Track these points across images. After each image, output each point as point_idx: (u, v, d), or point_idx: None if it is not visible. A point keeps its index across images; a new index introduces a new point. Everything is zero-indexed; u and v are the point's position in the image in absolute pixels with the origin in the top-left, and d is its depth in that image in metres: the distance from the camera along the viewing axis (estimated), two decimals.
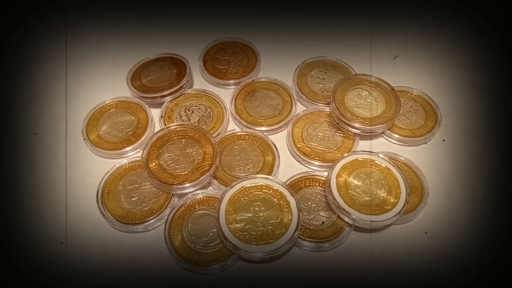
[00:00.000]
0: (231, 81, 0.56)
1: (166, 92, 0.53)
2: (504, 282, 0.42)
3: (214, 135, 0.50)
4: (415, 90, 0.55)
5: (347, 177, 0.45)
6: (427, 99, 0.54)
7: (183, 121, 0.52)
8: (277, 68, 0.59)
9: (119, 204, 0.46)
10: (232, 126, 0.53)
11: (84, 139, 0.50)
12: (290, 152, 0.51)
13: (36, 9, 0.66)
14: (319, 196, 0.46)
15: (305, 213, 0.45)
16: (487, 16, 0.65)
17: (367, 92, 0.52)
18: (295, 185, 0.47)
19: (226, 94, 0.55)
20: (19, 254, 0.43)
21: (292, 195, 0.44)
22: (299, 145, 0.50)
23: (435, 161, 0.50)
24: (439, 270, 0.42)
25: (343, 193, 0.44)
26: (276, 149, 0.50)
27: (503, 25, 0.64)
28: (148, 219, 0.45)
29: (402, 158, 0.49)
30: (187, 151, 0.47)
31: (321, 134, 0.51)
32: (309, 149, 0.50)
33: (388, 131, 0.51)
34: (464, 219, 0.45)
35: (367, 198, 0.44)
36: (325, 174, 0.47)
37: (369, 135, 0.51)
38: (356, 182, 0.45)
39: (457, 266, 0.42)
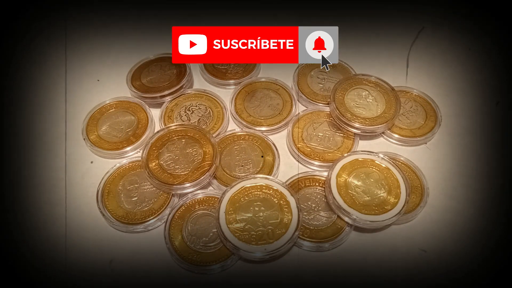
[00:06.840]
0: (231, 81, 0.56)
1: (166, 92, 0.53)
2: (504, 281, 0.42)
3: (214, 135, 0.50)
4: (415, 90, 0.55)
5: (347, 177, 0.45)
6: (427, 99, 0.54)
7: (183, 121, 0.52)
8: (277, 68, 0.59)
9: (119, 204, 0.46)
10: (232, 126, 0.53)
11: (84, 139, 0.50)
12: (290, 152, 0.51)
13: (36, 10, 0.66)
14: (319, 196, 0.46)
15: (305, 213, 0.45)
16: (487, 16, 0.65)
17: (367, 92, 0.52)
18: (295, 185, 0.47)
19: (226, 94, 0.55)
20: (19, 254, 0.43)
21: (292, 195, 0.44)
22: (299, 145, 0.50)
23: (435, 161, 0.50)
24: (440, 270, 0.42)
25: (343, 193, 0.44)
26: (276, 149, 0.49)
27: (503, 25, 0.64)
28: (148, 219, 0.45)
29: (402, 158, 0.49)
30: (187, 151, 0.47)
31: (321, 134, 0.51)
32: (309, 149, 0.50)
33: (388, 131, 0.51)
34: (464, 218, 0.45)
35: (367, 198, 0.44)
36: (325, 174, 0.47)
37: (369, 135, 0.51)
38: (356, 182, 0.45)
39: (457, 265, 0.42)
